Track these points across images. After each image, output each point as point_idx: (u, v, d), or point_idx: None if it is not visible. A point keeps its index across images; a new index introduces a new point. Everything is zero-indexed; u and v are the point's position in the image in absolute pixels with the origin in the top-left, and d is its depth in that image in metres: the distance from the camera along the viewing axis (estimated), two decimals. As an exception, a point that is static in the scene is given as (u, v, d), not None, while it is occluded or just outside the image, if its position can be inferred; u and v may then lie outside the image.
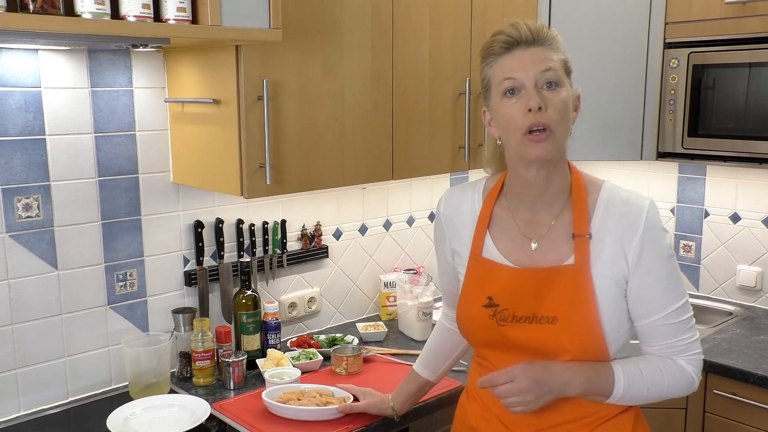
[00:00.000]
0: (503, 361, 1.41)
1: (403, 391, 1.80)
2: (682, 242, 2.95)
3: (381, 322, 2.53)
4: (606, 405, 1.40)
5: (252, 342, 2.18)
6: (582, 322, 1.35)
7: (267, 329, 2.21)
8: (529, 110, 1.32)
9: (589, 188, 1.42)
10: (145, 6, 1.52)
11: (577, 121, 1.42)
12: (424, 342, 2.35)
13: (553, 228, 1.42)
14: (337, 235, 2.56)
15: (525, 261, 1.43)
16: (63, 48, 1.85)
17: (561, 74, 1.36)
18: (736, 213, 2.79)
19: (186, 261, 2.19)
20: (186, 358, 2.10)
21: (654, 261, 1.36)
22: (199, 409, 1.84)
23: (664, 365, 1.40)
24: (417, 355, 2.27)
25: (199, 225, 2.18)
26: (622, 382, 1.36)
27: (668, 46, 2.54)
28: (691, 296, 2.86)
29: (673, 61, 2.51)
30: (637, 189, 3.00)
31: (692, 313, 1.41)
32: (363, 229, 2.64)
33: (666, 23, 2.53)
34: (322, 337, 2.36)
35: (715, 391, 2.23)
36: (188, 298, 2.20)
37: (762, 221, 2.73)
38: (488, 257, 1.46)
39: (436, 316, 2.55)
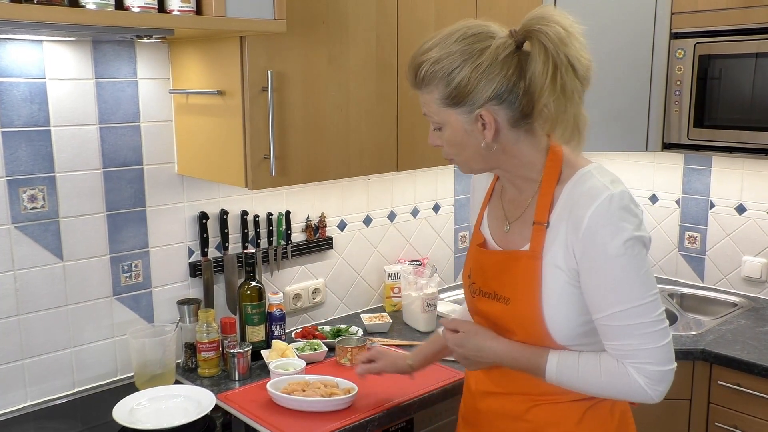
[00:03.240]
0: None
1: (424, 350, 1.80)
2: (687, 233, 2.94)
3: (385, 314, 2.53)
4: (558, 388, 1.42)
5: (257, 333, 2.19)
6: (526, 306, 1.39)
7: (272, 320, 2.21)
8: None
9: (565, 175, 1.39)
10: (149, -4, 1.52)
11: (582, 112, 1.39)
12: (428, 333, 2.35)
13: (525, 212, 1.45)
14: (342, 226, 2.56)
15: (500, 240, 1.50)
16: (67, 39, 1.84)
17: (441, 115, 1.38)
18: (741, 204, 2.78)
19: (191, 252, 2.19)
20: (191, 349, 2.10)
21: (597, 258, 1.30)
22: (204, 399, 1.84)
23: (607, 365, 1.35)
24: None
25: (203, 216, 2.18)
26: (554, 370, 1.38)
27: (674, 36, 2.52)
28: (696, 287, 2.88)
29: (679, 51, 2.50)
30: (642, 180, 3.03)
31: (652, 320, 1.31)
32: (367, 221, 2.64)
33: (672, 13, 2.52)
34: (327, 328, 2.37)
35: (719, 382, 2.23)
36: (193, 290, 2.21)
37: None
38: (482, 231, 1.56)
39: (441, 307, 2.57)
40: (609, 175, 1.37)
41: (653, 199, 3.03)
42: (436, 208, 2.87)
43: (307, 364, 2.05)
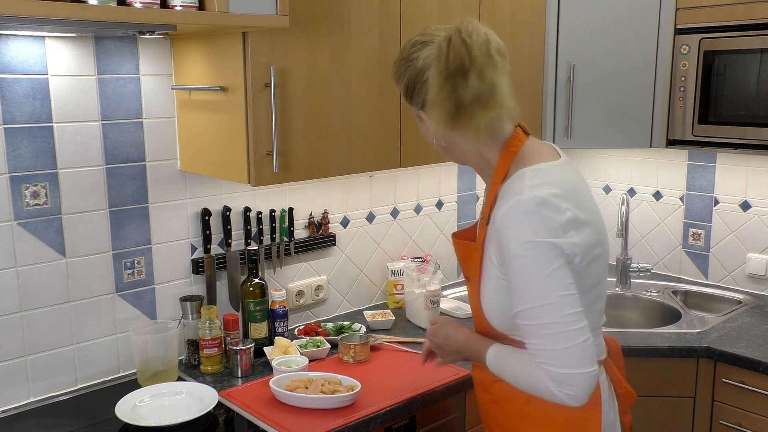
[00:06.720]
0: None
1: None
2: (692, 230, 2.93)
3: (388, 310, 2.53)
4: None
5: (259, 330, 2.18)
6: (473, 293, 1.55)
7: (274, 317, 2.21)
8: None
9: (510, 172, 1.46)
10: (151, -8, 1.52)
11: (585, 109, 1.44)
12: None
13: (484, 207, 1.57)
14: (345, 222, 2.56)
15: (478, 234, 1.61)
16: (69, 35, 1.84)
17: (411, 108, 1.53)
18: (746, 201, 2.77)
19: (193, 249, 2.19)
20: (194, 345, 2.10)
21: (505, 256, 1.38)
22: (206, 396, 1.84)
23: (525, 361, 1.39)
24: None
25: (206, 213, 2.18)
26: (492, 359, 1.49)
27: (679, 32, 2.51)
28: (700, 285, 2.87)
29: (683, 47, 2.49)
30: (647, 177, 3.02)
31: (554, 322, 1.33)
32: (370, 217, 2.64)
33: (677, 9, 2.51)
34: (330, 325, 2.36)
35: (723, 379, 2.23)
36: (196, 286, 2.21)
37: (772, 209, 2.71)
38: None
39: (444, 304, 2.56)
40: (538, 179, 1.39)
41: (657, 195, 3.02)
42: (439, 204, 2.86)
43: (309, 361, 2.05)
